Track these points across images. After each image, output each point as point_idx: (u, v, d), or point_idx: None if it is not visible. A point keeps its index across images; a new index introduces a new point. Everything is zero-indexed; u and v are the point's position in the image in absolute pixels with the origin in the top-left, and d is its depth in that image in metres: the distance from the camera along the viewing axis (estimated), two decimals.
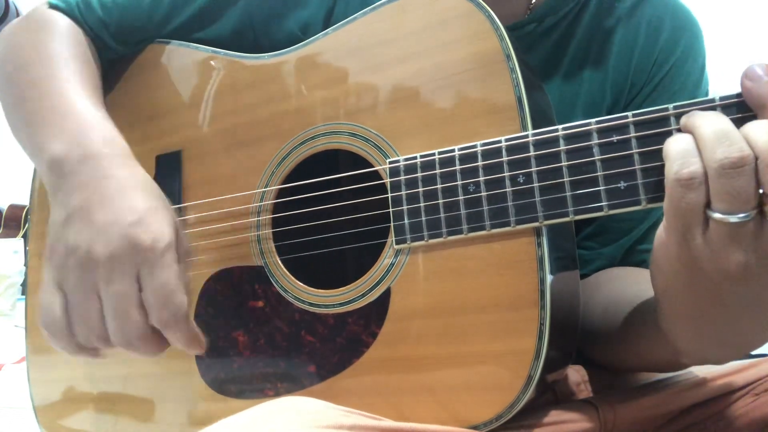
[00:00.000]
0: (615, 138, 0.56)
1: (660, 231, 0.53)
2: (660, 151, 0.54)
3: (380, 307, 0.66)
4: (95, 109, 0.74)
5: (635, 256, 0.85)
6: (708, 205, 0.49)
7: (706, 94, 0.86)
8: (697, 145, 0.49)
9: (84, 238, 0.61)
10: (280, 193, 0.75)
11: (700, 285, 0.52)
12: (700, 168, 0.49)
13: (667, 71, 0.83)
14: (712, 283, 0.51)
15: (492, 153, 0.61)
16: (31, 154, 0.76)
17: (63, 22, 0.85)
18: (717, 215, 0.48)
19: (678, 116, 0.53)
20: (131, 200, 0.63)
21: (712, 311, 0.54)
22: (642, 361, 0.71)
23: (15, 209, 3.48)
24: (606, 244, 0.86)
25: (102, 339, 0.61)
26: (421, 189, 0.64)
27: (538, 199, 0.59)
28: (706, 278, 0.51)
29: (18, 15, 2.87)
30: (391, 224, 0.66)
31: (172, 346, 0.63)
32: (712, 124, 0.49)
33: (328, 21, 0.83)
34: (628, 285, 0.77)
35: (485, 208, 0.61)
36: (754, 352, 0.60)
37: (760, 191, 0.47)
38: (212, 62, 0.83)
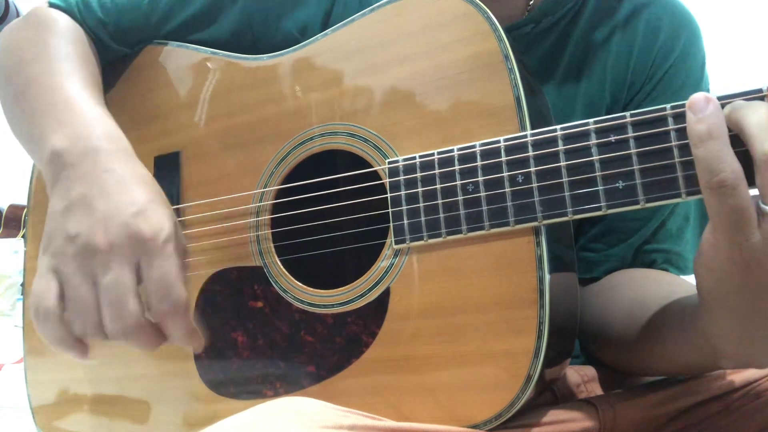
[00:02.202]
0: (613, 138, 0.56)
1: (707, 233, 0.52)
2: (657, 151, 0.54)
3: (379, 307, 0.66)
4: (96, 105, 0.74)
5: (645, 256, 0.84)
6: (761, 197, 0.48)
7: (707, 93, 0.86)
8: (744, 137, 0.49)
9: (84, 226, 0.61)
10: (279, 193, 0.75)
11: (756, 283, 0.51)
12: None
13: (667, 70, 0.82)
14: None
15: (491, 153, 0.61)
16: (30, 149, 0.76)
17: (63, 20, 0.85)
18: None
19: (675, 116, 0.53)
20: (132, 193, 0.63)
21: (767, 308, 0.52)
22: (673, 365, 0.69)
23: (15, 209, 3.48)
24: (614, 245, 0.85)
25: (97, 329, 0.60)
26: (420, 189, 0.64)
27: (536, 198, 0.59)
28: (763, 273, 0.50)
29: (18, 15, 2.87)
30: (390, 224, 0.66)
31: (169, 344, 0.62)
32: (757, 114, 0.48)
33: (326, 22, 0.83)
34: (652, 288, 0.76)
35: (484, 208, 0.61)
36: None
37: None
38: (210, 63, 0.83)
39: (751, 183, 0.50)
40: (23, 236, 3.30)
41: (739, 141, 0.50)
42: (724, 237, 0.50)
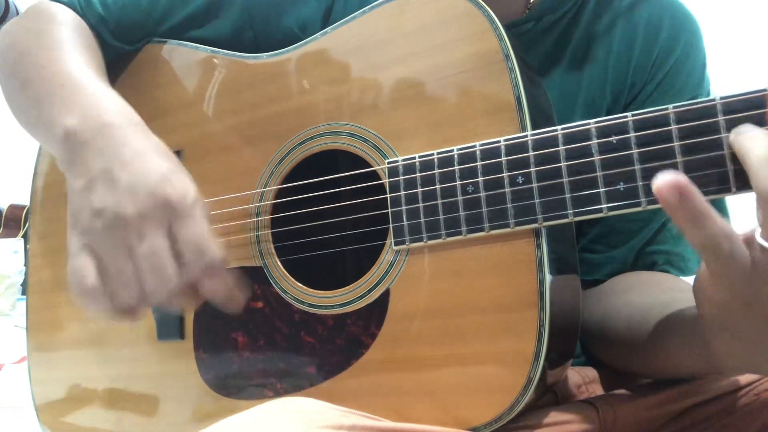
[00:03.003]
0: (614, 139, 0.56)
1: (703, 269, 0.52)
2: (659, 152, 0.54)
3: (379, 308, 0.66)
4: (104, 84, 0.74)
5: (646, 257, 0.84)
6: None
7: (709, 93, 0.86)
8: (746, 169, 0.48)
9: (110, 200, 0.60)
10: (279, 193, 0.75)
11: (757, 316, 0.51)
12: None
13: (668, 70, 0.82)
14: None
15: (491, 153, 0.61)
16: (40, 134, 0.75)
17: (65, 11, 0.85)
18: None
19: (677, 117, 0.53)
20: (152, 162, 0.63)
21: None
22: (675, 369, 0.69)
23: (15, 209, 3.48)
24: (615, 246, 0.85)
25: (140, 297, 0.60)
26: (419, 190, 0.64)
27: (537, 200, 0.59)
28: (763, 310, 0.50)
29: (18, 15, 2.87)
30: (390, 225, 0.66)
31: (211, 301, 0.62)
32: (760, 148, 0.48)
33: (326, 20, 0.83)
34: (654, 292, 0.76)
35: (484, 209, 0.61)
36: None
37: None
38: (211, 62, 0.83)
39: (748, 186, 0.50)
40: (23, 236, 3.30)
41: None
42: (721, 281, 0.50)
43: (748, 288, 0.49)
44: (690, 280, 0.76)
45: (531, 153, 0.59)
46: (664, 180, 0.47)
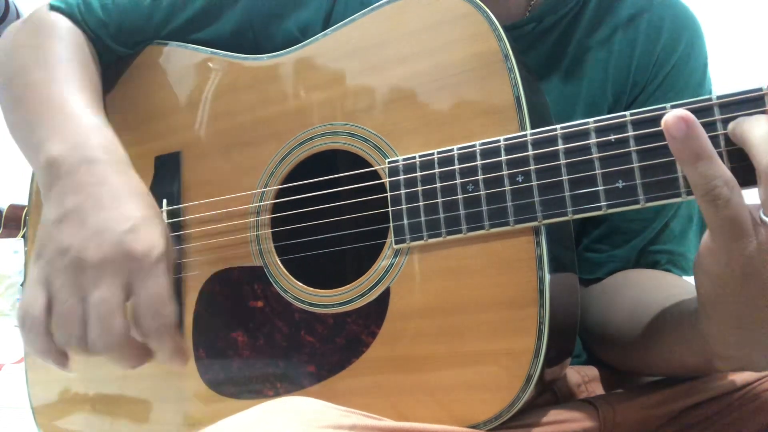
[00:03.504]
0: (613, 137, 0.56)
1: (705, 239, 0.52)
2: (657, 149, 0.54)
3: (380, 307, 0.66)
4: (95, 114, 0.74)
5: (648, 257, 0.84)
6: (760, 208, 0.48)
7: (710, 93, 0.86)
8: (747, 150, 0.49)
9: (76, 240, 0.60)
10: (280, 193, 0.75)
11: (753, 289, 0.51)
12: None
13: (669, 70, 0.82)
14: (765, 286, 0.50)
15: (491, 152, 0.61)
16: (27, 155, 0.75)
17: (63, 24, 0.85)
18: None
19: None
20: (126, 208, 0.63)
21: (765, 314, 0.52)
22: (672, 366, 0.70)
23: (15, 209, 3.48)
24: (618, 246, 0.85)
25: (81, 343, 0.60)
26: (420, 188, 0.64)
27: (536, 198, 0.59)
28: (760, 282, 0.50)
29: (18, 15, 2.87)
30: (390, 224, 0.66)
31: (155, 362, 0.62)
32: (760, 128, 0.48)
33: (327, 22, 0.83)
34: (653, 289, 0.76)
35: (484, 207, 0.61)
36: None
37: None
38: (211, 63, 0.83)
39: (751, 183, 0.50)
40: (23, 236, 3.30)
41: None
42: (721, 245, 0.50)
43: (745, 258, 0.50)
44: (692, 280, 0.77)
45: (530, 152, 0.59)
46: (673, 112, 0.49)
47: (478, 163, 0.62)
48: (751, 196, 0.50)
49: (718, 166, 0.49)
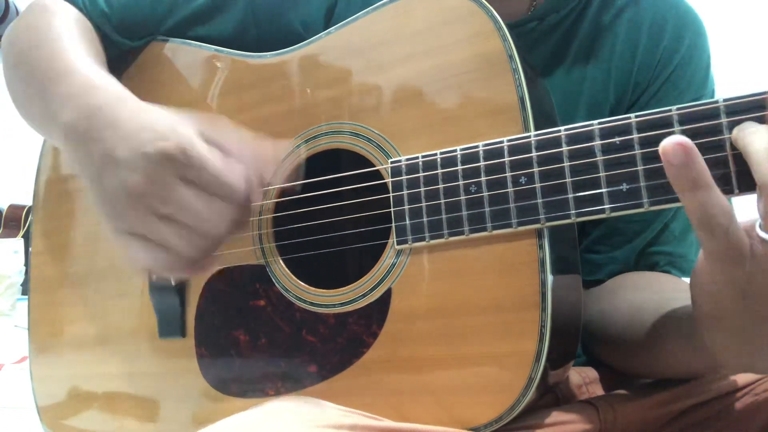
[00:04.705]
0: (617, 140, 0.56)
1: (701, 259, 0.52)
2: None
3: (381, 308, 0.66)
4: (96, 68, 0.74)
5: (647, 258, 0.84)
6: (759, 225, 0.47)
7: (713, 93, 0.86)
8: (748, 162, 0.48)
9: (118, 180, 0.60)
10: (282, 192, 0.75)
11: (752, 310, 0.50)
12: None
13: (672, 70, 0.82)
14: (766, 301, 0.49)
15: (494, 154, 0.61)
16: (46, 132, 0.76)
17: (69, 9, 0.85)
18: None
19: (680, 118, 0.53)
20: (143, 127, 0.62)
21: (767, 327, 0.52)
22: (673, 368, 0.70)
23: (15, 209, 3.48)
24: (617, 247, 0.85)
25: (202, 246, 0.61)
26: (422, 189, 0.64)
27: (540, 200, 0.59)
28: (758, 302, 0.49)
29: (18, 15, 2.88)
30: (393, 224, 0.66)
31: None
32: (762, 141, 0.47)
33: (328, 20, 0.83)
34: (654, 292, 0.76)
35: (487, 209, 0.61)
36: None
37: None
38: (214, 61, 0.83)
39: (750, 188, 0.50)
40: (23, 236, 3.30)
41: None
42: (717, 269, 0.50)
43: (745, 278, 0.49)
44: None
45: (534, 153, 0.59)
46: (671, 139, 0.47)
47: (481, 164, 0.62)
48: (750, 197, 0.50)
49: (716, 196, 0.48)
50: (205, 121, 0.63)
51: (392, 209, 0.66)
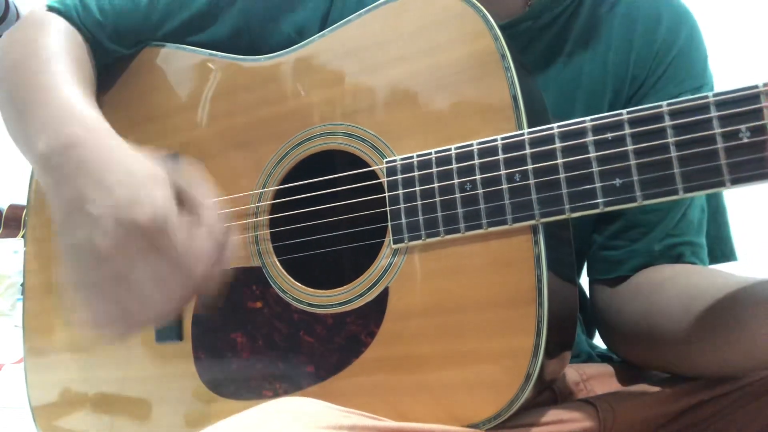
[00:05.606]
0: (609, 135, 0.56)
1: None
2: (654, 147, 0.54)
3: (378, 307, 0.66)
4: (79, 98, 0.72)
5: (671, 250, 0.81)
6: None
7: (712, 85, 0.86)
8: None
9: (86, 234, 0.59)
10: (278, 193, 0.75)
11: None
12: None
13: (670, 61, 0.82)
14: None
15: (488, 152, 0.61)
16: (25, 153, 0.74)
17: (59, 22, 0.85)
18: None
19: (672, 113, 0.53)
20: (117, 175, 0.60)
21: None
22: (732, 363, 0.66)
23: (15, 209, 3.48)
24: (635, 240, 0.82)
25: (165, 304, 0.60)
26: (418, 188, 0.64)
27: (534, 196, 0.59)
28: None
29: (18, 16, 2.87)
30: (389, 224, 0.66)
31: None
32: None
33: (324, 23, 0.82)
34: (701, 284, 0.71)
35: (482, 206, 0.61)
36: None
37: None
38: (209, 65, 0.83)
39: (744, 180, 0.50)
40: (23, 236, 3.30)
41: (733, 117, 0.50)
42: None
43: None
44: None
45: (528, 150, 0.60)
46: None
47: (476, 162, 0.62)
48: (751, 194, 0.50)
49: None
50: (179, 170, 0.63)
51: (388, 208, 0.66)
